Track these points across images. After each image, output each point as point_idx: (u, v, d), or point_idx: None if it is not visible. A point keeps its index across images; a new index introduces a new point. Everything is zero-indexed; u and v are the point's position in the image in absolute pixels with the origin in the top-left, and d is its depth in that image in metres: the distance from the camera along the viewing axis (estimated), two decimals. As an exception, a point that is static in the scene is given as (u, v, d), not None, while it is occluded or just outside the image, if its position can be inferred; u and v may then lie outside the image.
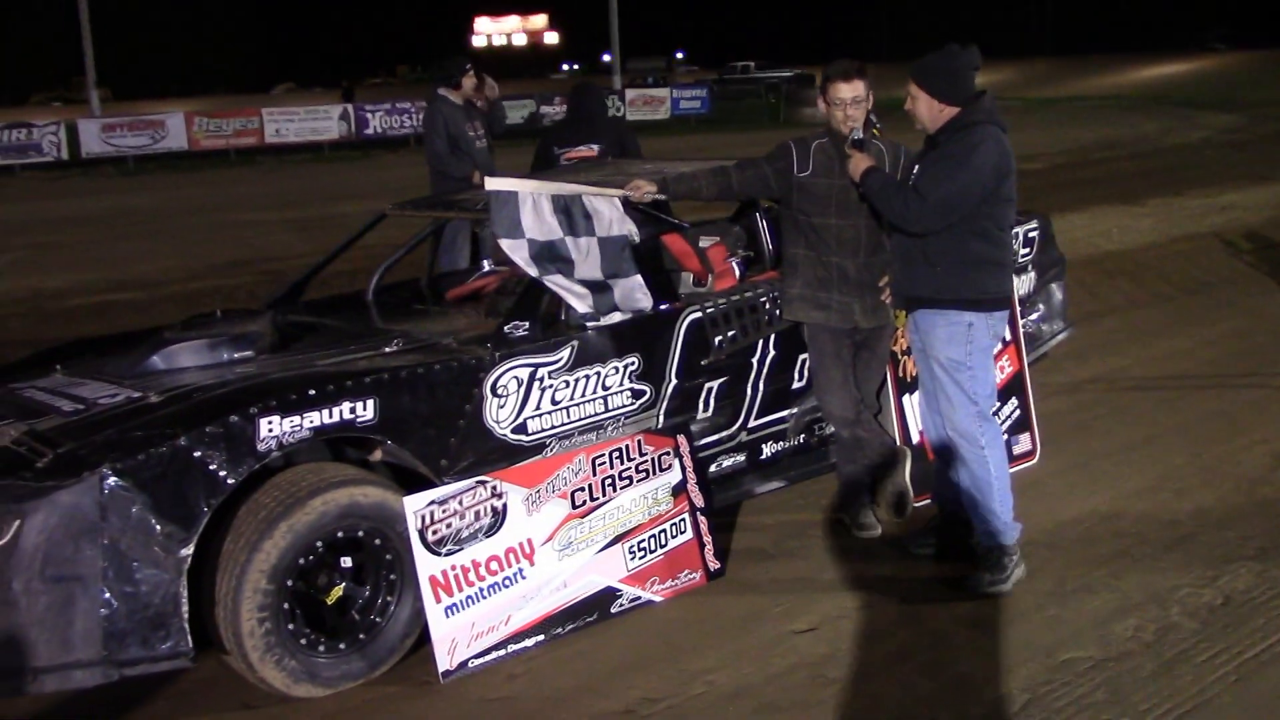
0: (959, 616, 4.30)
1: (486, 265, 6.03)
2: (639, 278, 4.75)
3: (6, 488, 3.58)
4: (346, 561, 4.01)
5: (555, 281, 4.56)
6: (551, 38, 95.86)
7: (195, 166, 26.93)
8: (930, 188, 4.28)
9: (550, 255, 4.60)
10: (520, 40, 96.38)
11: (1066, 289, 6.85)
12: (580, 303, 4.57)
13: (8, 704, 3.88)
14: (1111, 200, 15.70)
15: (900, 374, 5.31)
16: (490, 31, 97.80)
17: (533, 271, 4.55)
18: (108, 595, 3.53)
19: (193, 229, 16.42)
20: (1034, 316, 6.51)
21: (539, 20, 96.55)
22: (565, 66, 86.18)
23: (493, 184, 4.65)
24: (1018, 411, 5.67)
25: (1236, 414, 6.56)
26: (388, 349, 4.44)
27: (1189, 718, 3.61)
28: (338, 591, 4.02)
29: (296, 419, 3.83)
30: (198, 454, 3.65)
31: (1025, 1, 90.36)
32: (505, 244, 4.57)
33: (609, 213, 4.78)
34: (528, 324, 4.45)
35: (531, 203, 4.60)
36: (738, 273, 5.44)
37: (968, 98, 4.42)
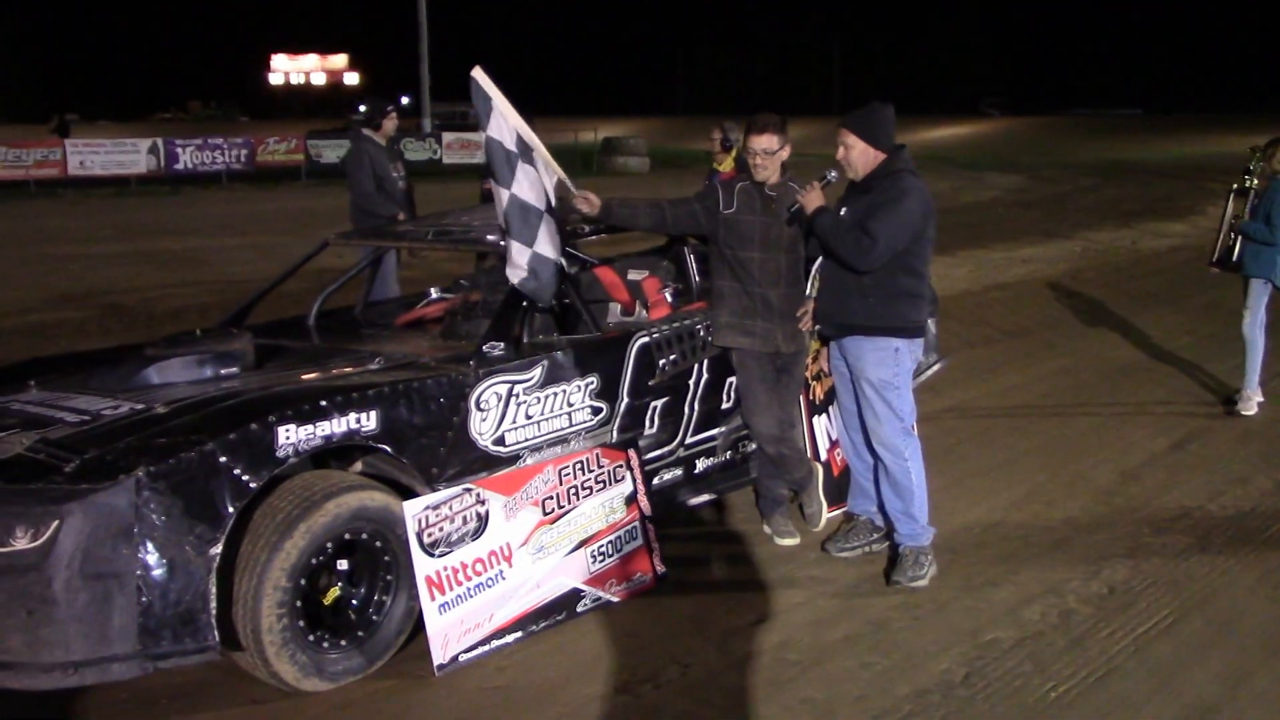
0: (892, 606, 4.87)
1: (434, 293, 6.33)
2: (543, 253, 5.03)
3: (40, 491, 3.74)
4: (342, 564, 4.28)
5: (513, 246, 4.94)
6: (352, 78, 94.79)
7: (-9, 198, 25.82)
8: (879, 229, 4.84)
9: (523, 217, 4.95)
10: (319, 79, 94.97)
11: (939, 324, 7.58)
12: (516, 274, 4.97)
13: (14, 700, 3.98)
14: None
15: (810, 397, 5.86)
16: (288, 70, 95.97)
17: (501, 220, 4.93)
18: (143, 592, 3.72)
19: (9, 262, 15.86)
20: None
21: (339, 60, 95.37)
22: (363, 108, 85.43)
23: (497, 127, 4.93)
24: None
25: (1079, 438, 7.40)
26: (373, 366, 4.73)
27: (1103, 681, 4.25)
28: (335, 592, 4.28)
29: (310, 428, 4.09)
30: (223, 459, 3.88)
31: (814, 64, 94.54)
32: (494, 186, 4.93)
33: (543, 183, 5.11)
34: (503, 344, 4.82)
35: (540, 164, 5.00)
36: (670, 302, 5.90)
37: (892, 147, 5.02)
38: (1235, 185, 8.03)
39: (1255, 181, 7.89)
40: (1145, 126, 54.70)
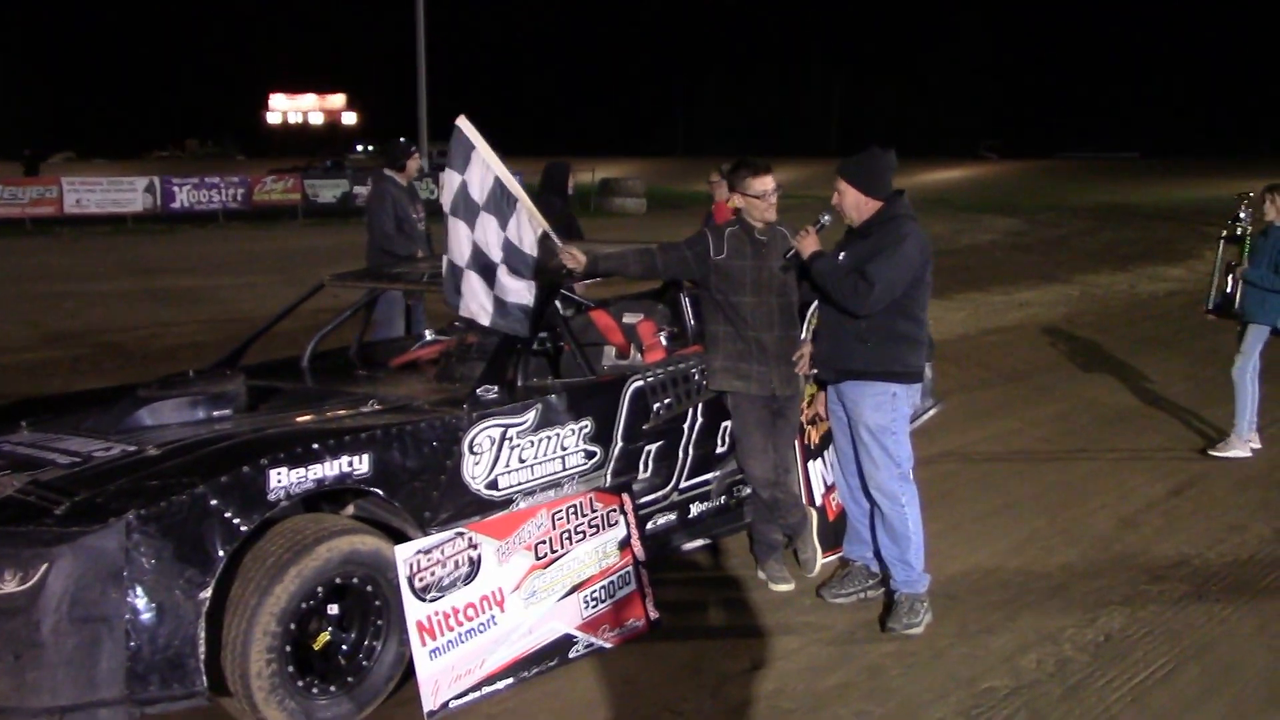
0: (887, 654, 4.85)
1: (429, 335, 6.36)
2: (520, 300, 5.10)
3: (30, 533, 3.73)
4: (333, 609, 4.27)
5: (469, 281, 5.02)
6: (349, 117, 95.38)
7: (-13, 235, 25.92)
8: (877, 275, 4.86)
9: (480, 260, 5.05)
10: (317, 119, 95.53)
11: (936, 368, 7.60)
12: (481, 311, 5.03)
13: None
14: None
15: (806, 441, 5.86)
16: (286, 109, 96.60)
17: (459, 260, 5.01)
18: (131, 636, 3.71)
19: (4, 299, 15.90)
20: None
21: (337, 100, 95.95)
22: (360, 147, 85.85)
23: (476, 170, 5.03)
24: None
25: (1078, 483, 7.40)
26: (366, 409, 4.74)
27: (1100, 731, 4.23)
28: (324, 637, 4.26)
29: (302, 471, 4.10)
30: (214, 502, 3.88)
31: (815, 106, 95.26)
32: (451, 222, 5.03)
33: (527, 233, 5.15)
34: (497, 387, 4.83)
35: (524, 217, 5.06)
36: (665, 346, 5.94)
37: (889, 193, 5.06)
38: (1225, 232, 8.09)
39: (1249, 228, 7.95)
40: (1143, 170, 55.06)
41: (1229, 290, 7.99)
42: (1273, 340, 7.95)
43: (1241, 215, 8.01)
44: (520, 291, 5.07)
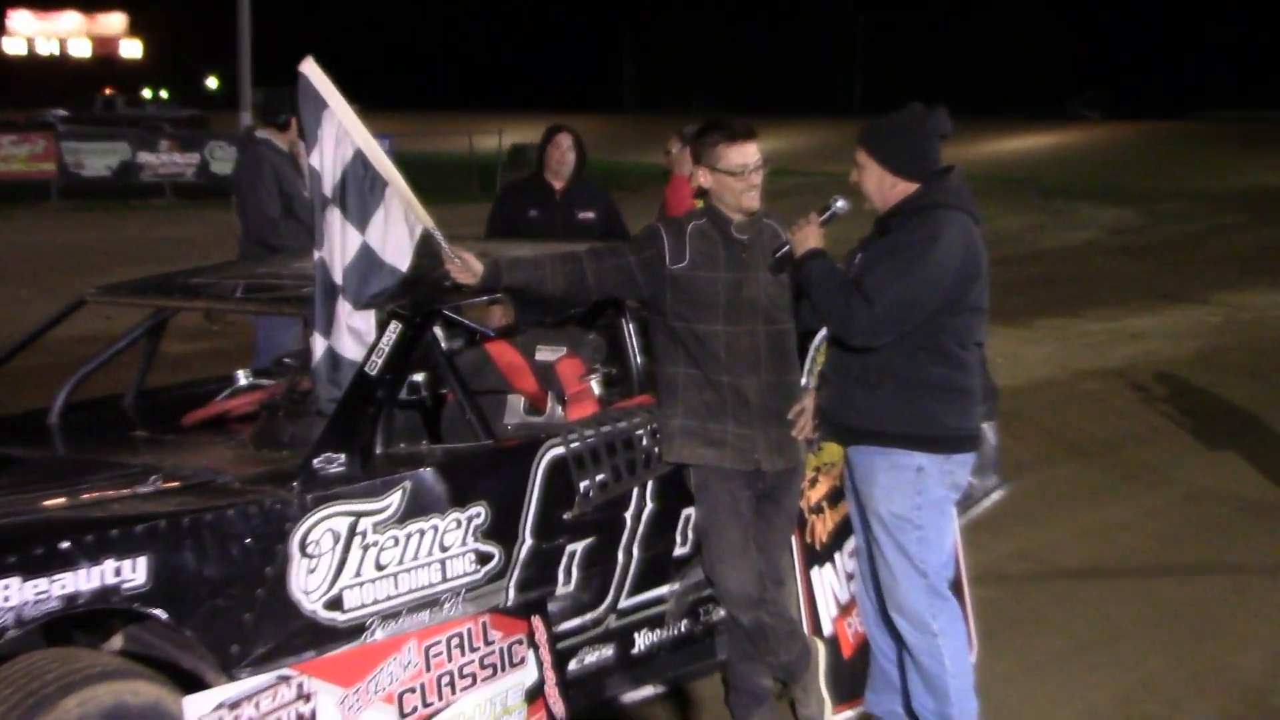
0: None
1: (241, 378, 6.35)
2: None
3: None
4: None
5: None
6: (131, 48, 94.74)
7: None
8: (878, 290, 4.88)
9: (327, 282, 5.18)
10: (82, 49, 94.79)
11: (998, 430, 7.65)
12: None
13: None
14: (993, 319, 17.02)
15: (808, 539, 5.88)
16: (34, 33, 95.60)
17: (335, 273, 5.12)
18: None
19: None
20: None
21: (113, 22, 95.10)
22: (148, 93, 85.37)
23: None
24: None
25: (1211, 606, 7.49)
26: (145, 488, 4.71)
27: None
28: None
29: (43, 583, 4.04)
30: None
31: (827, 47, 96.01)
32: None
33: (397, 232, 5.19)
34: (344, 457, 4.81)
35: (393, 206, 5.13)
36: (597, 395, 5.95)
37: (930, 172, 5.11)
38: None
39: None
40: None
41: None
42: None
43: None
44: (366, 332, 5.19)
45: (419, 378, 5.75)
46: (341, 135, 5.09)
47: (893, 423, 5.08)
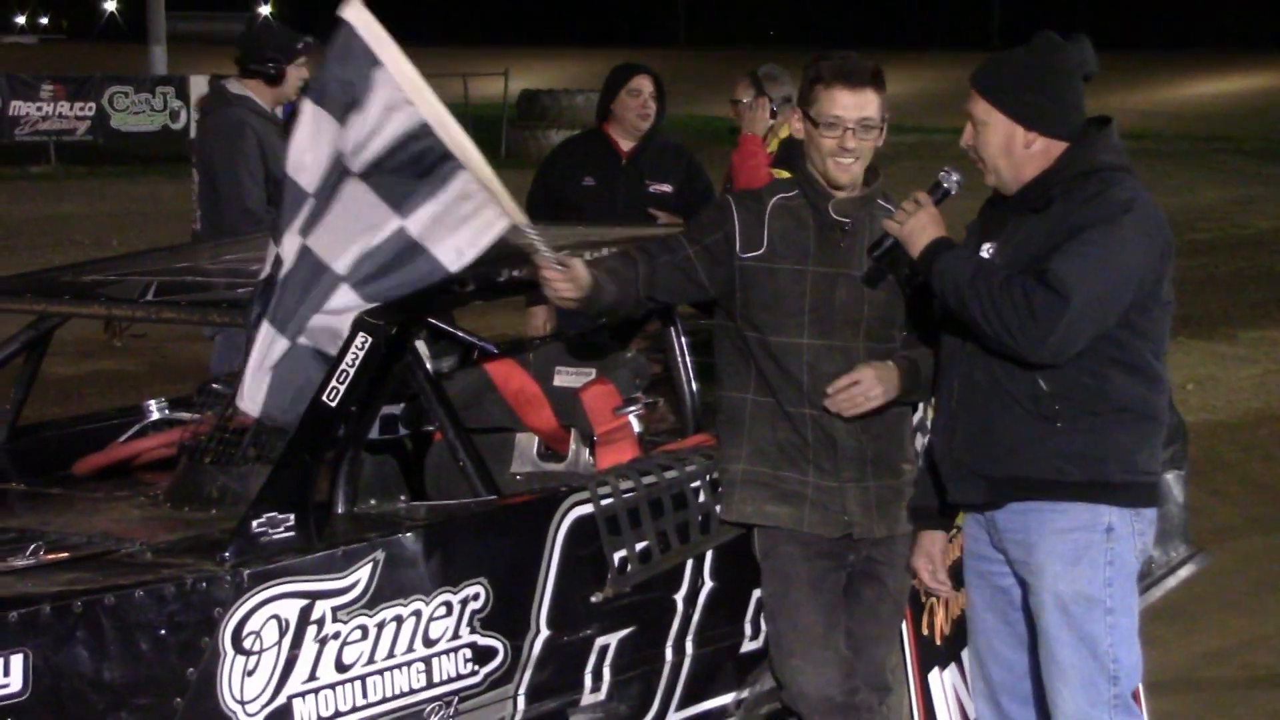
0: None
1: (153, 411, 6.31)
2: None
3: None
4: None
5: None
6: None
7: None
8: (1072, 278, 4.60)
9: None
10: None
11: (1188, 481, 7.34)
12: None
13: None
14: (1178, 329, 16.88)
15: (923, 630, 5.72)
16: None
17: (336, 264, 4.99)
18: None
19: None
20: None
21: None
22: (22, 19, 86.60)
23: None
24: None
25: None
26: (21, 560, 4.55)
27: None
28: None
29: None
30: None
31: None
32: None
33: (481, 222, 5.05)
34: (293, 518, 4.62)
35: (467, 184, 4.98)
36: (637, 433, 5.76)
37: (1078, 127, 4.90)
38: None
39: None
40: None
41: None
42: None
43: None
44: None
45: (395, 410, 5.69)
46: (398, 102, 4.93)
47: (1076, 466, 4.85)
